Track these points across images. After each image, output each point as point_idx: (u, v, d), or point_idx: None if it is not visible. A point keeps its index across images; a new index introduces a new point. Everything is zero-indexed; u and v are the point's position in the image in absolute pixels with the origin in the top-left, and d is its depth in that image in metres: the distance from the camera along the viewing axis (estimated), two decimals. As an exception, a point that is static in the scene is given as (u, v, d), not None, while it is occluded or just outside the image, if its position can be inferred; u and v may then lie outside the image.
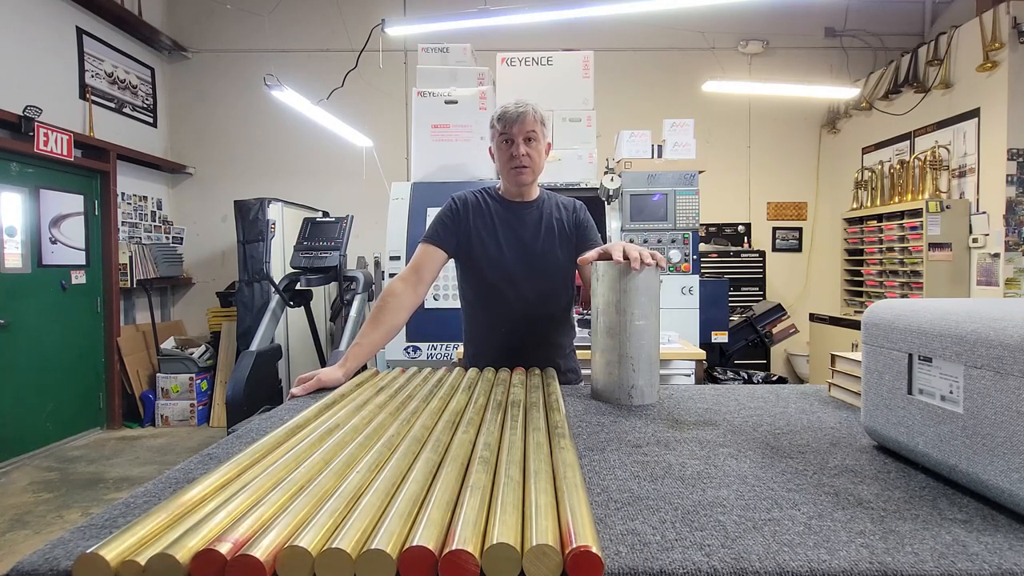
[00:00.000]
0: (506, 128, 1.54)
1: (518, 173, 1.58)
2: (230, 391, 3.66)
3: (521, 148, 1.54)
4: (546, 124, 1.61)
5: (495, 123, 1.57)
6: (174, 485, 0.75)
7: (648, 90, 5.49)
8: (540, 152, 1.60)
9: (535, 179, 1.64)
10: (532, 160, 1.57)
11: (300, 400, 1.23)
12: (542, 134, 1.59)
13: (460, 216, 1.63)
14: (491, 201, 1.66)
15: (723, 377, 3.54)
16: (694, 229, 3.08)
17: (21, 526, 2.98)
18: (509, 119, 1.54)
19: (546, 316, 1.64)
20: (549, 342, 1.66)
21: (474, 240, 1.62)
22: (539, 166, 1.61)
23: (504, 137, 1.56)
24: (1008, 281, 3.75)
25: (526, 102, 1.57)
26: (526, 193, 1.66)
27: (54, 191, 4.27)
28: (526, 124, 1.54)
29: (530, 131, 1.55)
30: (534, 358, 1.53)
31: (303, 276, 4.08)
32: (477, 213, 1.64)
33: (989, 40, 3.77)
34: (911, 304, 0.82)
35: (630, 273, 1.16)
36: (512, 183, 1.62)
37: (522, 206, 1.66)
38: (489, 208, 1.65)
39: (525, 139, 1.55)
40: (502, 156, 1.59)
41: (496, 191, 1.70)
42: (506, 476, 0.65)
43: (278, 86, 3.62)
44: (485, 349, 1.66)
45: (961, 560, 0.55)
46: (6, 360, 3.89)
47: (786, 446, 0.89)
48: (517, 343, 1.61)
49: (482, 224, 1.62)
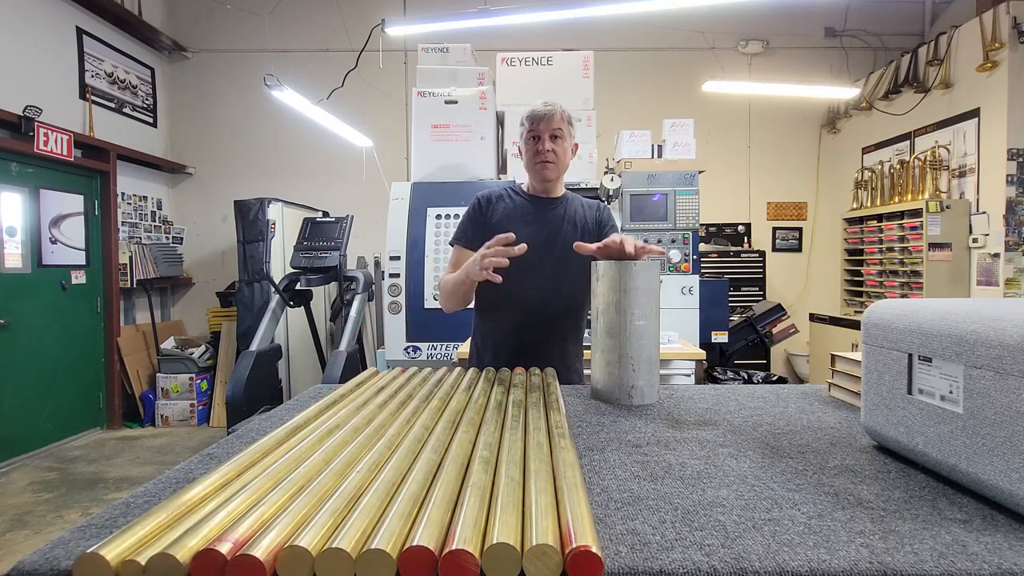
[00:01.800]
0: (534, 125, 1.60)
1: (543, 168, 1.62)
2: (230, 391, 3.66)
3: (547, 144, 1.60)
4: (573, 125, 1.66)
5: (524, 121, 1.63)
6: (174, 485, 0.75)
7: (648, 90, 5.49)
8: (566, 150, 1.64)
9: (560, 176, 1.68)
10: (557, 156, 1.62)
11: (300, 400, 1.23)
12: (568, 133, 1.63)
13: (484, 212, 1.69)
14: (516, 197, 1.72)
15: (723, 377, 3.54)
16: (694, 229, 3.08)
17: (21, 526, 2.98)
18: (537, 116, 1.60)
19: (563, 313, 1.66)
20: (563, 339, 1.67)
21: (498, 232, 1.63)
22: (564, 163, 1.66)
23: (532, 134, 1.61)
24: (1008, 281, 3.75)
25: (555, 102, 1.62)
26: (551, 189, 1.70)
27: (54, 191, 4.27)
28: (553, 122, 1.59)
29: (556, 128, 1.60)
30: (547, 354, 1.56)
31: (303, 276, 4.08)
32: (502, 207, 1.69)
33: (989, 40, 3.77)
34: (911, 304, 0.82)
35: (630, 273, 1.16)
36: (537, 178, 1.67)
37: (548, 202, 1.70)
38: (514, 203, 1.70)
39: (551, 136, 1.60)
40: (528, 152, 1.64)
41: (521, 188, 1.75)
42: (506, 476, 0.65)
43: (278, 86, 3.62)
44: (499, 344, 1.67)
45: (961, 560, 0.55)
46: (6, 360, 3.89)
47: (786, 446, 0.89)
48: (532, 338, 1.63)
49: (507, 217, 1.67)
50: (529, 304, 1.62)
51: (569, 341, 1.69)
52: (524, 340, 1.62)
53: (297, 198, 5.28)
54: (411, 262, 2.96)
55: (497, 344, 1.66)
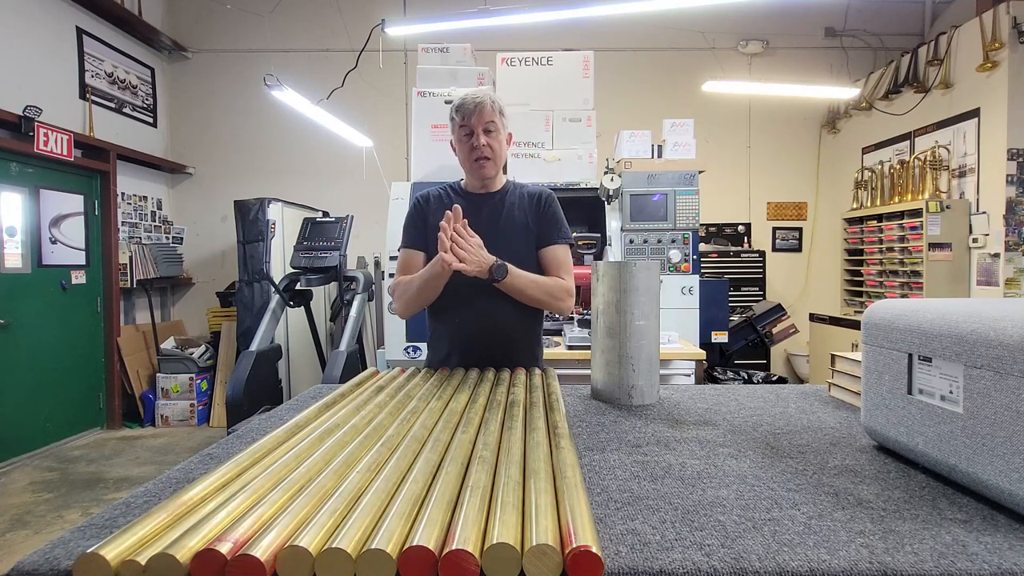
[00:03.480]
0: (465, 119, 1.53)
1: (480, 166, 1.56)
2: (230, 391, 3.66)
3: (481, 139, 1.53)
4: (505, 115, 1.59)
5: (454, 115, 1.56)
6: (174, 485, 0.75)
7: (648, 90, 5.49)
8: (501, 143, 1.58)
9: (498, 171, 1.62)
10: (493, 151, 1.56)
11: (300, 400, 1.23)
12: (502, 124, 1.57)
13: (423, 213, 1.63)
14: (453, 195, 1.65)
15: (723, 377, 3.54)
16: (694, 229, 3.08)
17: (21, 526, 2.98)
18: (467, 110, 1.52)
19: (507, 310, 1.55)
20: (511, 339, 1.59)
21: (432, 235, 1.56)
22: (501, 157, 1.60)
23: (464, 130, 1.55)
24: (1008, 281, 3.75)
25: (484, 92, 1.56)
26: (489, 185, 1.64)
27: (54, 191, 4.27)
28: (484, 115, 1.52)
29: (488, 122, 1.53)
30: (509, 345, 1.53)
31: (303, 276, 4.08)
32: (439, 207, 1.59)
33: (989, 40, 3.77)
34: (911, 304, 0.82)
35: (630, 273, 1.16)
36: (475, 176, 1.61)
37: (483, 198, 1.63)
38: (451, 202, 1.60)
39: (484, 130, 1.53)
40: (463, 149, 1.57)
41: (459, 185, 1.69)
42: (506, 476, 0.65)
43: (278, 86, 3.62)
44: (460, 345, 1.59)
45: (961, 560, 0.55)
46: (6, 360, 3.89)
47: (786, 446, 0.89)
48: (489, 334, 1.56)
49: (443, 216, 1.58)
50: (476, 302, 1.54)
51: (521, 341, 1.62)
52: (482, 337, 1.55)
53: (297, 198, 5.28)
54: (411, 262, 2.96)
55: (458, 346, 1.60)
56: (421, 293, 1.50)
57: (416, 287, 1.50)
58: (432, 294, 1.51)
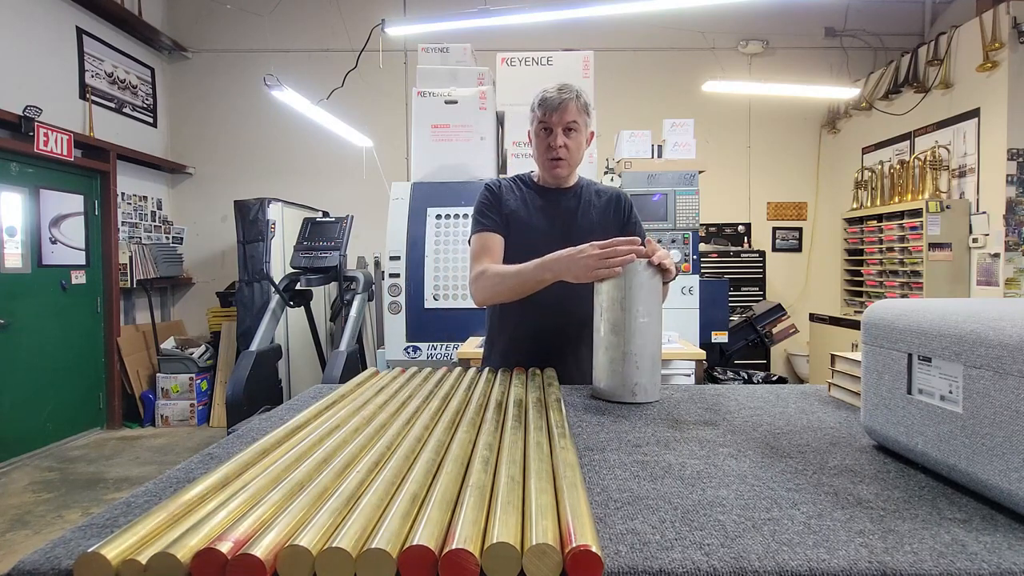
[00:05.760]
0: (546, 116, 1.46)
1: (554, 166, 1.50)
2: (230, 391, 3.66)
3: (559, 139, 1.46)
4: (590, 113, 1.52)
5: (535, 108, 1.48)
6: (174, 485, 0.75)
7: (648, 90, 5.49)
8: (580, 144, 1.51)
9: (571, 172, 1.57)
10: (569, 152, 1.49)
11: (300, 400, 1.23)
12: (584, 124, 1.50)
13: (498, 198, 1.56)
14: (525, 188, 1.59)
15: (723, 377, 3.54)
16: (694, 229, 3.09)
17: (21, 526, 2.98)
18: (550, 106, 1.45)
19: (579, 309, 1.46)
20: (579, 340, 1.53)
21: (512, 224, 1.54)
22: (576, 159, 1.53)
23: (543, 125, 1.47)
24: (1008, 281, 3.75)
25: (571, 87, 1.47)
26: (563, 182, 1.58)
27: (54, 191, 4.28)
28: (567, 114, 1.44)
29: (571, 121, 1.46)
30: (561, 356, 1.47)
31: (303, 276, 4.08)
32: (512, 197, 1.56)
33: (989, 40, 3.77)
34: (911, 304, 0.82)
35: (634, 270, 1.16)
36: (548, 175, 1.55)
37: (557, 194, 1.58)
38: (523, 194, 1.57)
39: (565, 129, 1.46)
40: (539, 145, 1.51)
41: (531, 178, 1.62)
42: (506, 476, 0.65)
43: (278, 86, 3.62)
44: (514, 343, 1.55)
45: (960, 560, 0.55)
46: (6, 360, 3.89)
47: (786, 446, 0.89)
48: (549, 340, 1.51)
49: (518, 208, 1.55)
50: (547, 302, 1.44)
51: (584, 343, 1.51)
52: (541, 342, 1.51)
53: (297, 198, 5.28)
54: (411, 262, 2.96)
55: (515, 344, 1.55)
56: (514, 290, 1.41)
57: (510, 285, 1.40)
58: (529, 292, 1.40)
